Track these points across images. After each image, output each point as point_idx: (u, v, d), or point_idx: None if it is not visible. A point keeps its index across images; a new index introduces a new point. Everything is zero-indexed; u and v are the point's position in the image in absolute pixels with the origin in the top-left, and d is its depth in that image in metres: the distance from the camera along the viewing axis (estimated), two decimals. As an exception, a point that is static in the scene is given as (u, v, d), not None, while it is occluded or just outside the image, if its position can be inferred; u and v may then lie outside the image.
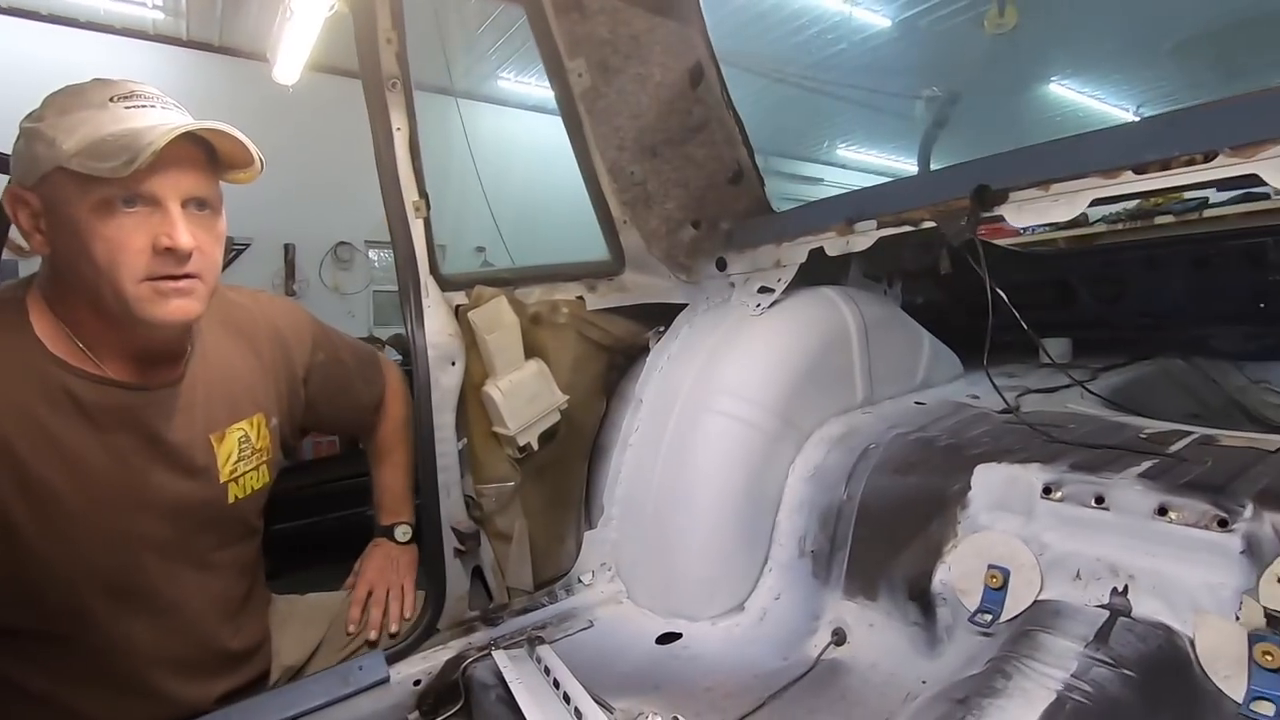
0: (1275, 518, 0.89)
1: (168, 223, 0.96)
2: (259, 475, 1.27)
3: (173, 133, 0.92)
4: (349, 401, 1.51)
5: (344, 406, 1.50)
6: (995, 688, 0.90)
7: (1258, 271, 1.96)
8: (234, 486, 1.22)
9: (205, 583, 1.20)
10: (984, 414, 1.53)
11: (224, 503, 1.20)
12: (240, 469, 1.23)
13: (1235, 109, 1.06)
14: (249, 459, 1.25)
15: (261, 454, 1.27)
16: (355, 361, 1.52)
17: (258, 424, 1.27)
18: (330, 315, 7.08)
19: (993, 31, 6.99)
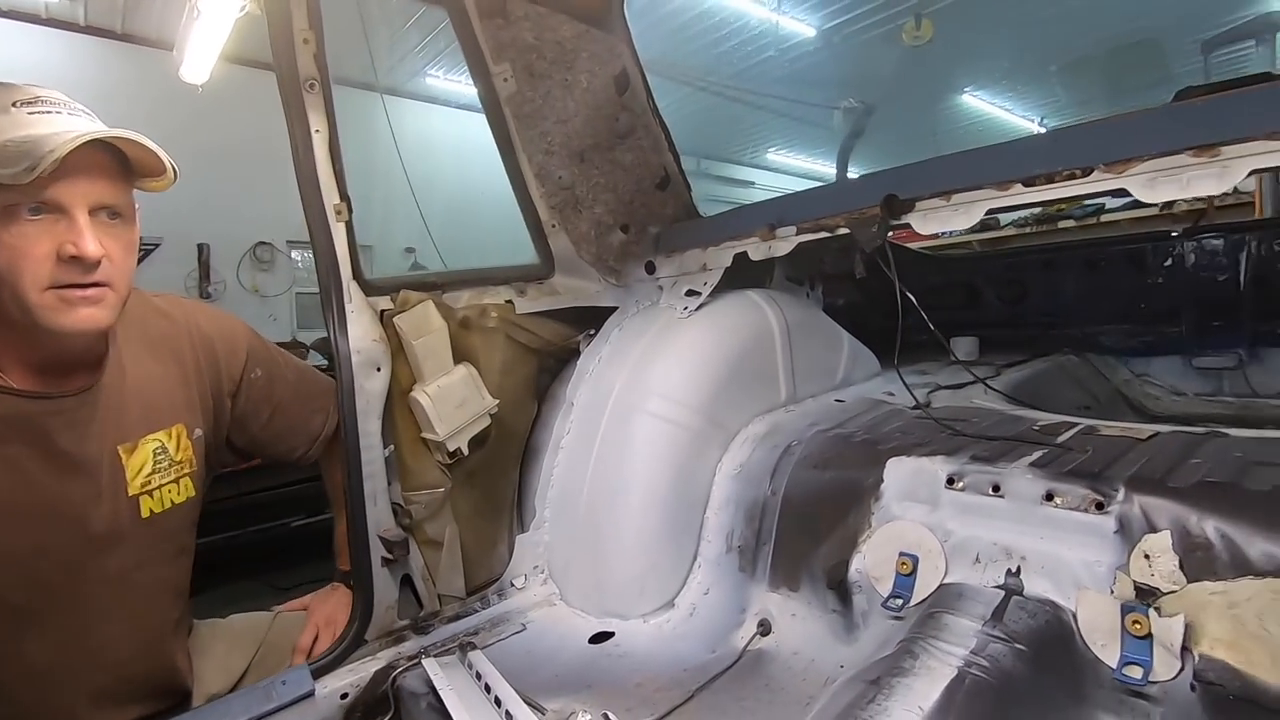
0: (1143, 500, 0.99)
1: (74, 231, 0.94)
2: (180, 489, 1.22)
3: (76, 140, 0.89)
4: (287, 424, 1.44)
5: (281, 430, 1.43)
6: (904, 667, 0.96)
7: (1139, 275, 2.15)
8: (148, 500, 1.16)
9: (121, 605, 1.14)
10: (898, 410, 1.62)
11: (136, 517, 1.15)
12: (155, 482, 1.17)
13: (1108, 129, 1.16)
14: (166, 471, 1.19)
15: (182, 466, 1.22)
16: (302, 385, 1.46)
17: (177, 435, 1.22)
18: (250, 319, 6.71)
19: (910, 43, 7.35)
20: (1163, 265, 2.09)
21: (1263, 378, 2.02)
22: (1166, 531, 0.94)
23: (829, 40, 7.96)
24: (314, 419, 1.46)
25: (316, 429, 1.47)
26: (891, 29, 7.49)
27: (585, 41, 1.69)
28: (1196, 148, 1.01)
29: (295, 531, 3.94)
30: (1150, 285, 2.16)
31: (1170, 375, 2.19)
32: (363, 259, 1.46)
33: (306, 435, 1.47)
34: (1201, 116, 1.04)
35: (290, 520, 3.97)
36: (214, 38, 1.12)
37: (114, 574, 1.13)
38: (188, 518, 1.25)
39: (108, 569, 1.12)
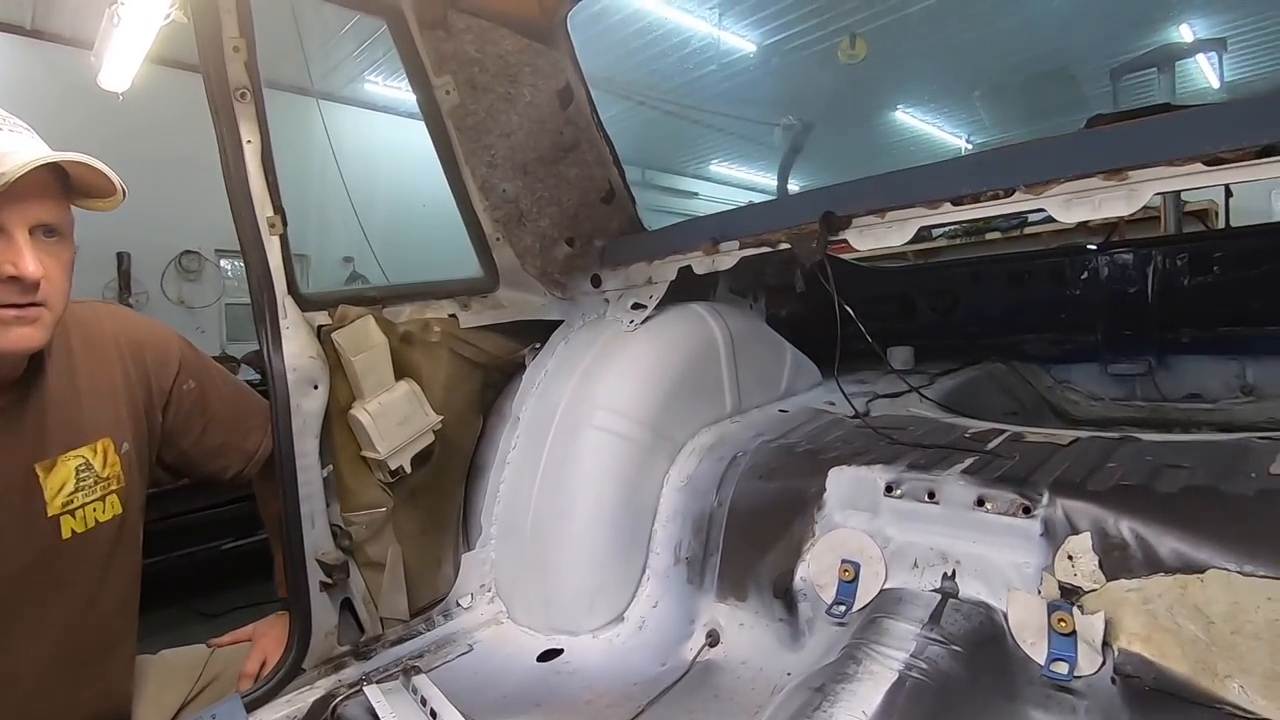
0: (1066, 504, 1.04)
1: (13, 251, 0.92)
2: (106, 507, 1.15)
3: (27, 166, 0.88)
4: (220, 441, 1.36)
5: (214, 446, 1.36)
6: (848, 673, 0.99)
7: (1059, 287, 2.27)
8: (69, 520, 1.10)
9: (40, 630, 1.07)
10: (838, 420, 1.67)
11: (55, 539, 1.08)
12: (78, 500, 1.11)
13: (1028, 152, 1.24)
14: (91, 489, 1.13)
15: (109, 483, 1.15)
16: (239, 400, 1.39)
17: (103, 450, 1.15)
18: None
19: (845, 61, 7.62)
20: (1080, 278, 2.22)
21: (1169, 383, 2.16)
22: (1087, 533, 1.00)
23: (769, 56, 8.17)
24: (251, 436, 1.40)
25: (253, 447, 1.40)
26: (828, 47, 7.74)
27: (528, 55, 1.69)
28: (1107, 171, 1.09)
29: (225, 555, 3.77)
30: (1069, 297, 2.29)
31: (1088, 381, 2.33)
32: (298, 268, 1.42)
33: (242, 453, 1.39)
34: (1111, 143, 1.11)
35: (220, 543, 3.79)
36: (136, 45, 1.07)
37: (31, 597, 1.06)
38: (115, 536, 1.17)
39: (22, 593, 1.05)
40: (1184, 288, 2.05)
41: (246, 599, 3.43)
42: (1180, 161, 1.03)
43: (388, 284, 1.73)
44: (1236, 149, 0.99)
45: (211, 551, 3.75)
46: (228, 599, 3.49)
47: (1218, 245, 2.04)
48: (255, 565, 3.46)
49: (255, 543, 3.66)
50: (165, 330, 1.32)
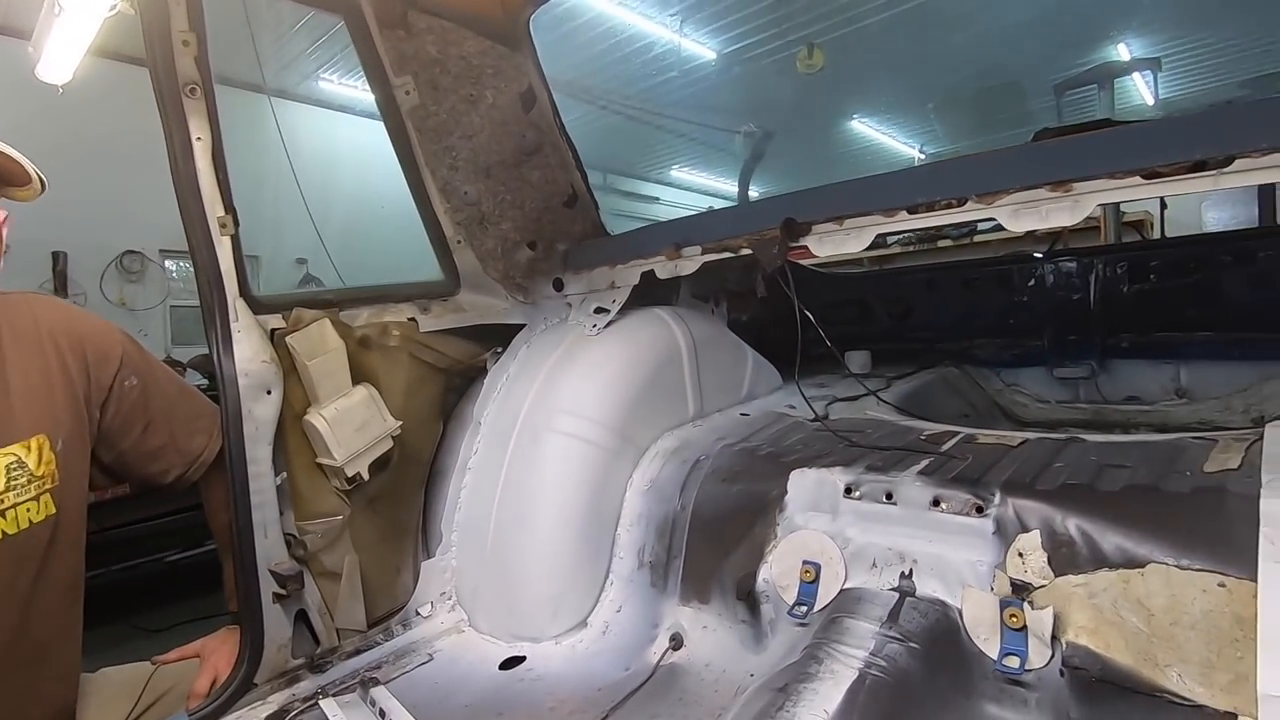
0: (1017, 502, 1.08)
1: None
2: (39, 506, 1.09)
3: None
4: (162, 442, 1.30)
5: (155, 447, 1.30)
6: (810, 673, 1.00)
7: (1007, 294, 2.36)
8: (0, 522, 1.04)
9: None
10: (799, 423, 1.69)
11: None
12: (10, 500, 1.05)
13: (980, 164, 1.28)
14: (23, 488, 1.07)
15: (43, 481, 1.10)
16: (183, 400, 1.34)
17: (37, 447, 1.09)
18: None
19: (804, 70, 7.76)
20: (1027, 285, 2.30)
21: (1110, 386, 2.26)
22: (1036, 531, 1.03)
23: (729, 64, 8.26)
24: (195, 439, 1.34)
25: (197, 450, 1.34)
26: (787, 56, 7.87)
27: (491, 58, 1.68)
28: (1053, 183, 1.13)
29: (172, 567, 3.62)
30: (1017, 303, 2.37)
31: (1035, 384, 2.41)
32: (249, 270, 1.37)
33: (184, 456, 1.33)
34: (1057, 156, 1.16)
35: (166, 555, 3.64)
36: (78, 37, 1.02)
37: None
38: (50, 538, 1.11)
39: None
40: (1123, 295, 2.15)
41: (193, 613, 3.29)
42: (1121, 175, 1.08)
43: (345, 286, 1.69)
44: (1171, 164, 1.04)
45: (157, 564, 3.60)
46: (173, 614, 3.35)
47: (1154, 255, 2.14)
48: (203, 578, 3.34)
49: (204, 554, 3.53)
50: (106, 324, 1.26)
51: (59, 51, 1.09)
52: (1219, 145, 1.02)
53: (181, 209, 1.24)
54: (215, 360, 1.28)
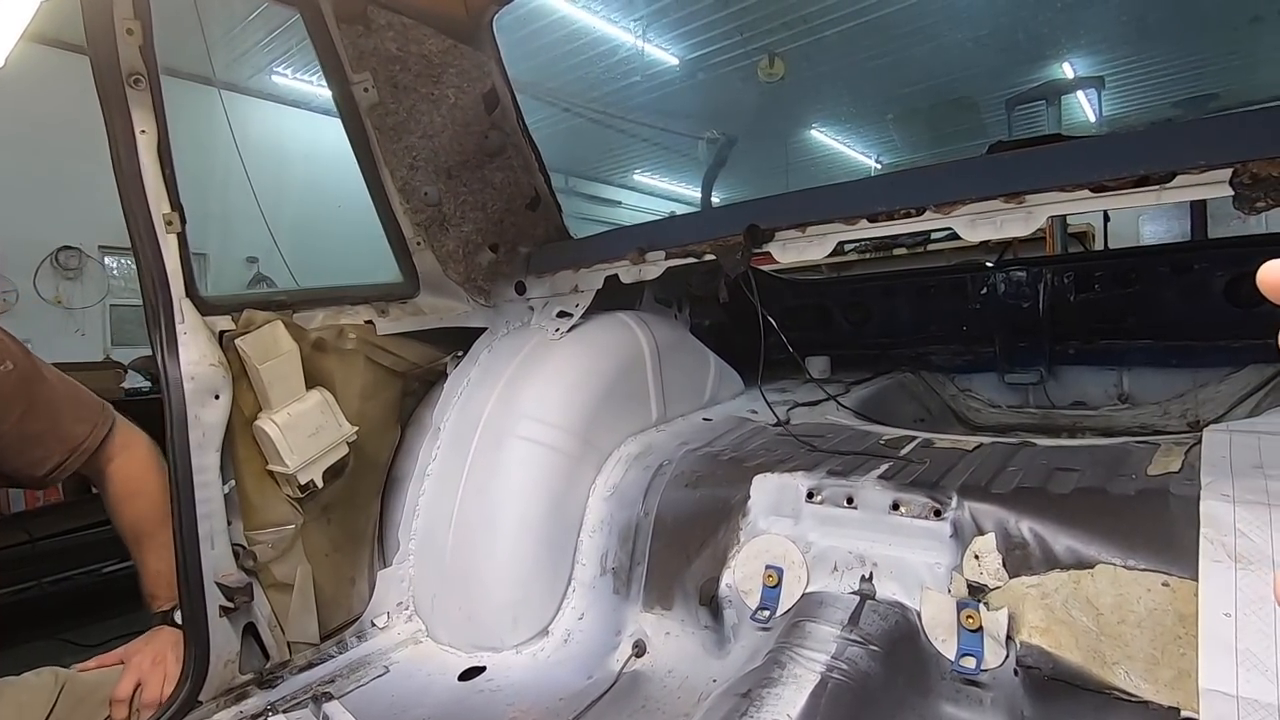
0: (973, 506, 1.11)
1: None
2: None
3: None
4: (41, 428, 1.25)
5: (33, 433, 1.24)
6: (772, 677, 1.01)
7: (960, 301, 2.42)
8: None
9: None
10: (761, 428, 1.71)
11: None
12: None
13: (937, 175, 1.31)
14: None
15: None
16: (67, 390, 1.29)
17: None
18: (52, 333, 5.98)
19: (765, 79, 7.88)
20: (980, 293, 2.37)
21: (1058, 391, 2.34)
22: (991, 534, 1.06)
23: (692, 71, 8.33)
24: (77, 426, 1.29)
25: (79, 436, 1.29)
26: (748, 64, 7.98)
27: (453, 57, 1.65)
28: (1007, 195, 1.17)
29: (107, 580, 3.45)
30: (970, 311, 2.44)
31: (987, 390, 2.48)
32: (196, 269, 1.32)
33: (65, 443, 1.28)
34: (1010, 168, 1.20)
35: (102, 567, 3.47)
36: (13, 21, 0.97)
37: None
38: None
39: None
40: (1070, 304, 2.23)
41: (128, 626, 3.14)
42: (1070, 188, 1.12)
43: (299, 288, 1.63)
44: (1118, 178, 1.08)
45: (91, 576, 3.43)
46: (110, 627, 3.19)
47: (1099, 266, 2.23)
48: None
49: (143, 565, 3.38)
50: None
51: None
52: (1161, 161, 1.06)
53: (124, 205, 1.18)
54: (159, 363, 1.23)
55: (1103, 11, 6.73)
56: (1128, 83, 8.89)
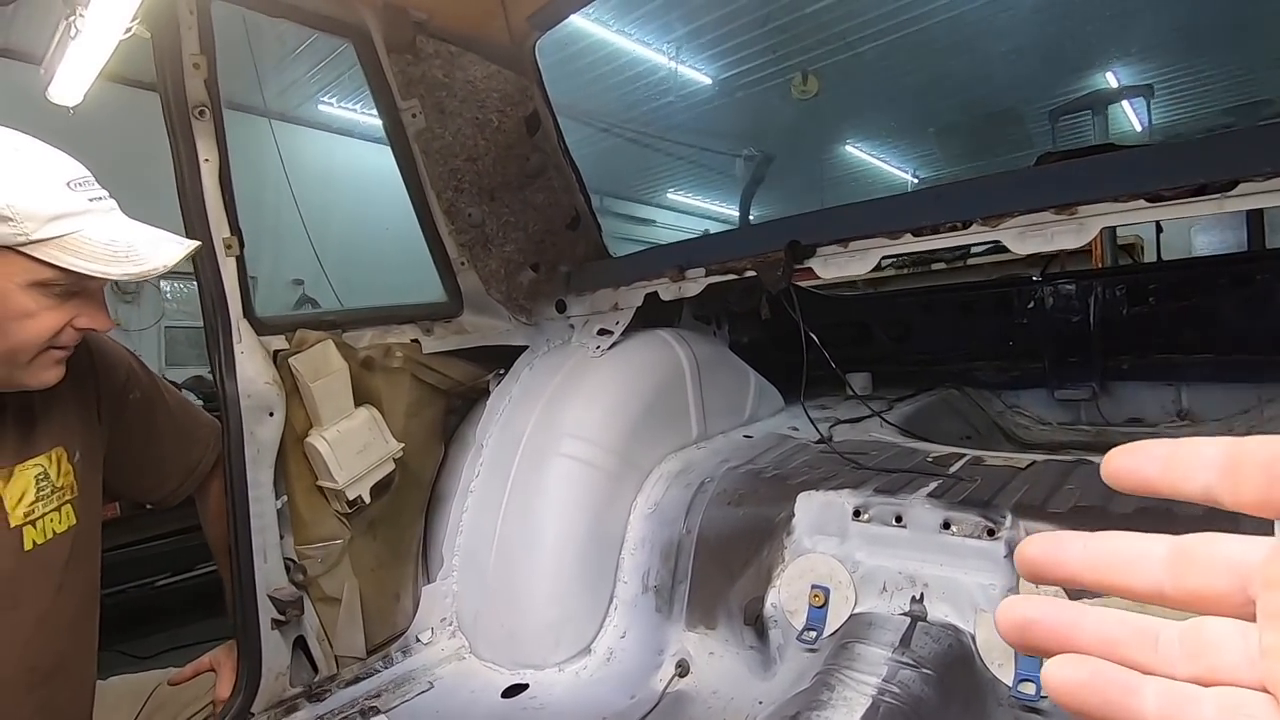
0: (1028, 524, 1.07)
1: (95, 308, 1.00)
2: (61, 517, 1.09)
3: (172, 261, 0.98)
4: (162, 454, 1.29)
5: (155, 459, 1.29)
6: (821, 700, 0.98)
7: (1006, 316, 2.37)
8: (31, 531, 1.04)
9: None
10: (803, 445, 1.68)
11: (19, 550, 1.03)
12: (39, 510, 1.06)
13: (983, 187, 1.29)
14: (49, 499, 1.07)
15: (64, 493, 1.10)
16: (183, 414, 1.32)
17: (57, 459, 1.10)
18: None
19: (798, 96, 7.88)
20: (1026, 307, 2.31)
21: (1111, 408, 2.26)
22: (1049, 554, 1.02)
23: (727, 90, 8.38)
24: (193, 450, 1.33)
25: (194, 461, 1.33)
26: (782, 83, 7.99)
27: (496, 81, 1.69)
28: (1057, 206, 1.14)
29: (159, 593, 3.55)
30: (1017, 325, 2.38)
31: (1036, 406, 2.41)
32: (248, 291, 1.37)
33: (183, 468, 1.32)
34: (1061, 179, 1.17)
35: (154, 580, 3.57)
36: (92, 59, 1.03)
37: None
38: (70, 548, 1.11)
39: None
40: (1123, 317, 2.16)
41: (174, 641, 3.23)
42: (1125, 198, 1.09)
43: (347, 308, 1.68)
44: (1175, 186, 1.05)
45: (144, 589, 3.53)
46: (161, 640, 3.28)
47: (1152, 278, 2.16)
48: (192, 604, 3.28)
49: (193, 579, 3.47)
50: (111, 342, 1.26)
51: (71, 73, 1.10)
52: (1221, 169, 1.03)
53: (187, 229, 1.24)
54: (218, 381, 1.27)
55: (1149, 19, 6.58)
56: (1175, 91, 8.65)
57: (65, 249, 0.91)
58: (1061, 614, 0.29)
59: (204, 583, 3.35)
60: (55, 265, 0.91)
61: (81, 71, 1.06)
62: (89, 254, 0.92)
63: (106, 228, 0.95)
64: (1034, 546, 0.30)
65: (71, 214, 0.91)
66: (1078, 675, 0.26)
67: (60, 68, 1.07)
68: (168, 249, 1.00)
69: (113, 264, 0.93)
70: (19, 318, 0.93)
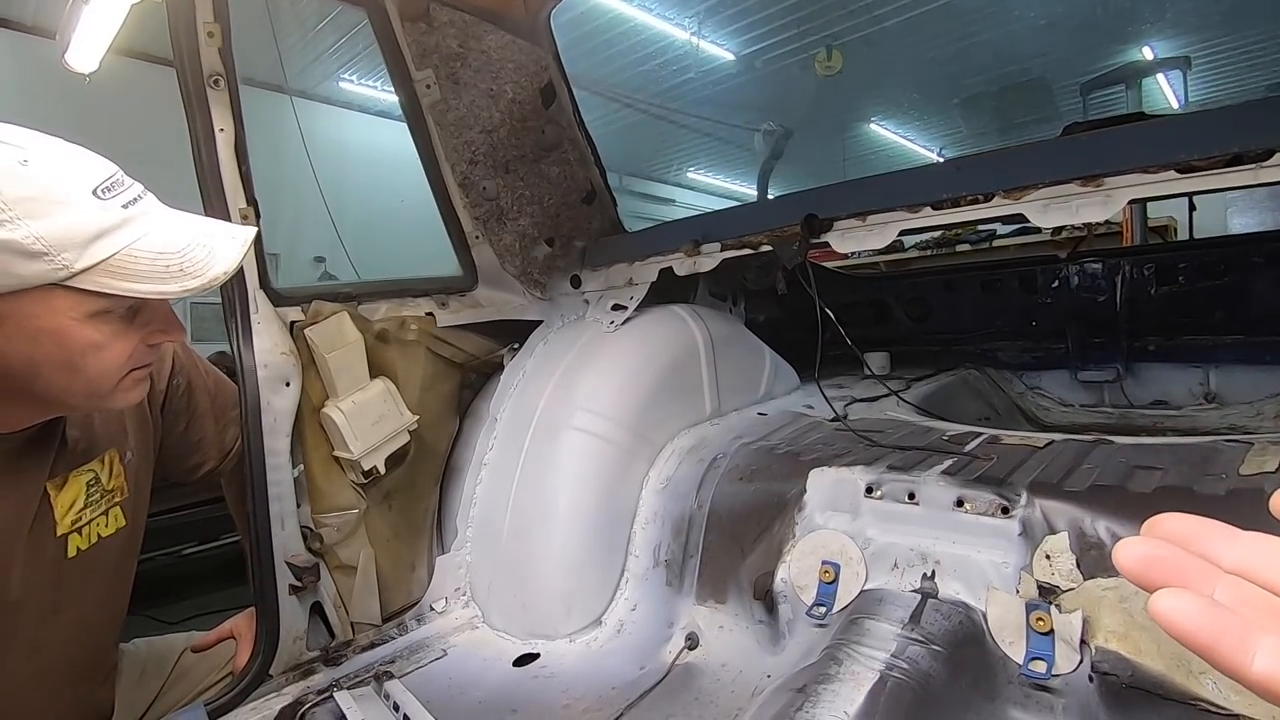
0: (1044, 503, 1.06)
1: (169, 321, 0.94)
2: (109, 520, 1.09)
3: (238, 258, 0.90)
4: (200, 435, 1.31)
5: (193, 441, 1.30)
6: (829, 674, 0.98)
7: (1029, 295, 2.32)
8: (76, 538, 1.03)
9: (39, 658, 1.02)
10: (817, 422, 1.67)
11: (61, 558, 1.02)
12: (86, 517, 1.04)
13: (1007, 158, 1.25)
14: (97, 504, 1.07)
15: (113, 495, 1.10)
16: (218, 393, 1.34)
17: (110, 461, 1.09)
18: None
19: (822, 73, 7.73)
20: (1050, 287, 2.26)
21: (1136, 389, 2.22)
22: (1064, 533, 1.01)
23: (748, 65, 8.24)
24: (229, 430, 1.35)
25: (230, 442, 1.35)
26: (805, 58, 7.84)
27: (511, 52, 1.67)
28: (1083, 178, 1.11)
29: (187, 560, 3.65)
30: (1040, 305, 2.33)
31: (1059, 388, 2.37)
32: (269, 267, 1.38)
33: (219, 448, 1.35)
34: (1087, 150, 1.13)
35: (181, 549, 3.67)
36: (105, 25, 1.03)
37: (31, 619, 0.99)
38: (118, 549, 1.11)
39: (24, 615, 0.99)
40: (1150, 297, 2.10)
41: (201, 608, 3.34)
42: (1154, 169, 1.05)
43: (363, 280, 1.69)
44: (1208, 157, 1.01)
45: (171, 557, 3.63)
46: (187, 607, 3.38)
47: (1183, 256, 2.10)
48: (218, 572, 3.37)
49: (218, 549, 3.56)
50: None
51: (86, 40, 1.10)
52: (1257, 138, 0.99)
53: (204, 200, 1.25)
54: (235, 352, 1.29)
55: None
56: (1215, 63, 8.34)
57: (113, 273, 0.81)
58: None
59: (229, 552, 3.44)
60: (107, 294, 0.81)
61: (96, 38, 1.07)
62: (141, 274, 0.82)
63: (151, 237, 0.85)
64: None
65: (110, 230, 0.81)
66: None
67: (75, 35, 1.08)
68: (224, 249, 0.89)
69: (170, 281, 0.84)
70: (89, 352, 0.85)
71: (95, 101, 5.43)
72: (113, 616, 1.16)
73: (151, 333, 0.92)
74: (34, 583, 0.99)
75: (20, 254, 0.75)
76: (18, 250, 0.75)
